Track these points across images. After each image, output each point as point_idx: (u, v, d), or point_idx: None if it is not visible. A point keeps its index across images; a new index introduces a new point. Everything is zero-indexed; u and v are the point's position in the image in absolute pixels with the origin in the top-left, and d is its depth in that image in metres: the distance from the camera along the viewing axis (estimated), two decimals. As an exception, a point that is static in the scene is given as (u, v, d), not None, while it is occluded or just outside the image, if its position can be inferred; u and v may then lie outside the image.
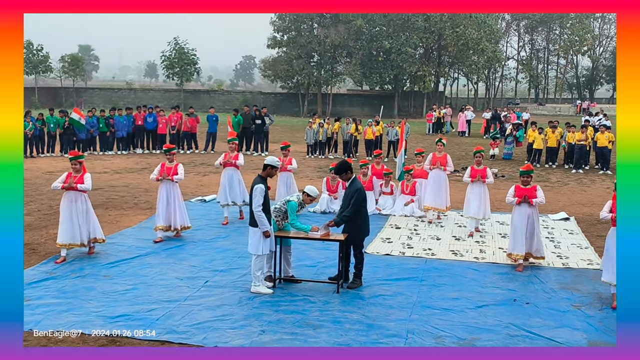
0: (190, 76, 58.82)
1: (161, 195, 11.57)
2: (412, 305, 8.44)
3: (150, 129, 25.61)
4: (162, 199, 11.54)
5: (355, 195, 8.98)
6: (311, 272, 9.89)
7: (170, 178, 11.52)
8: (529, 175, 10.40)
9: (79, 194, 10.28)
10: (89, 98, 59.05)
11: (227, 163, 13.10)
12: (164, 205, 11.53)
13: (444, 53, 57.21)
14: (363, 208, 9.17)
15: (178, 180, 11.62)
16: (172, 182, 11.58)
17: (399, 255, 11.03)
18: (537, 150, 23.59)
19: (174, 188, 11.66)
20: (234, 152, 13.22)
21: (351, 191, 9.07)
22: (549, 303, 8.67)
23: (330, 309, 8.26)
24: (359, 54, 53.05)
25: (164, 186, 11.59)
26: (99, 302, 8.35)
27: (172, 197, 11.58)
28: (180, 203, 11.73)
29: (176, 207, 11.62)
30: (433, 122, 37.35)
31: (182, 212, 11.76)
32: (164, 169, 11.62)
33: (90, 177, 10.38)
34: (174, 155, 11.91)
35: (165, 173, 11.55)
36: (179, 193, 11.75)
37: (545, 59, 71.95)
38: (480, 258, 10.97)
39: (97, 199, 15.48)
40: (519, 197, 10.25)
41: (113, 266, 9.98)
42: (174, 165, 11.71)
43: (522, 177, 10.45)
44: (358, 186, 9.10)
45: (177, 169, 11.65)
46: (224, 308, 8.21)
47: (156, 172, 11.63)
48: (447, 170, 13.69)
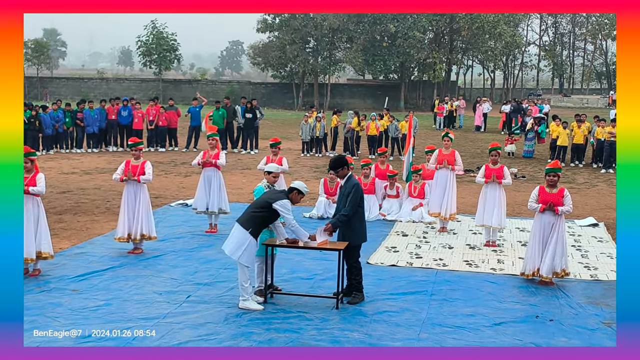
0: (169, 64, 58.77)
1: (126, 200, 11.17)
2: (421, 323, 8.43)
3: (125, 124, 25.54)
4: (126, 204, 11.14)
5: (353, 191, 8.93)
6: (307, 285, 9.87)
7: (136, 178, 11.03)
8: (557, 173, 9.98)
9: (30, 199, 9.64)
10: (55, 89, 59.01)
11: (207, 163, 12.70)
12: (129, 210, 11.11)
13: (456, 38, 57.26)
14: (361, 208, 9.14)
15: (145, 181, 11.12)
16: (138, 183, 11.11)
17: (406, 266, 11.03)
18: (562, 147, 23.56)
19: (141, 190, 11.18)
20: (214, 149, 12.83)
21: (348, 188, 9.03)
22: (576, 320, 8.67)
23: (329, 327, 8.24)
24: (361, 39, 53.04)
25: (129, 188, 11.15)
26: (67, 319, 8.31)
27: (139, 201, 11.12)
28: (147, 208, 11.27)
29: (141, 213, 11.10)
30: (445, 116, 37.20)
31: (148, 220, 11.24)
32: (128, 167, 11.10)
33: (44, 178, 9.84)
34: (141, 152, 11.38)
35: (130, 172, 11.04)
36: (146, 197, 11.30)
37: (571, 44, 72.04)
38: (498, 269, 10.97)
39: (64, 203, 15.48)
40: (542, 203, 9.85)
41: (83, 279, 9.94)
42: (141, 163, 11.13)
43: (548, 175, 10.00)
44: (355, 182, 9.09)
45: (144, 168, 11.09)
46: (209, 326, 8.19)
47: (120, 172, 11.13)
48: (455, 169, 13.34)
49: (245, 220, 8.71)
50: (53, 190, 17.02)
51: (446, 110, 37.16)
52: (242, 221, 8.73)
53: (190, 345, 7.60)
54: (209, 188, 12.71)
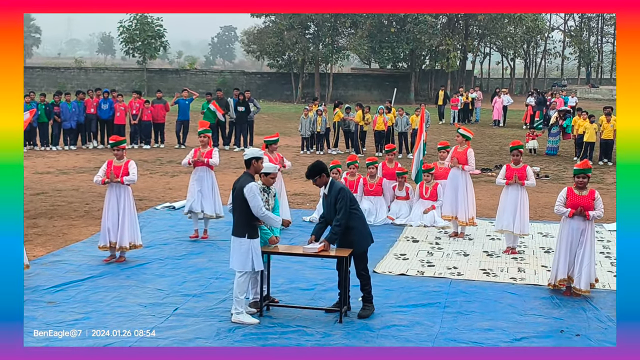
0: (155, 52, 58.73)
1: (108, 204, 11.14)
2: (434, 338, 8.44)
3: (105, 119, 25.48)
4: (109, 208, 11.12)
5: (341, 197, 8.89)
6: (307, 296, 9.89)
7: (120, 180, 11.03)
8: (586, 174, 9.83)
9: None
10: (28, 80, 58.91)
11: (198, 162, 12.70)
12: (112, 215, 11.09)
13: (472, 22, 57.22)
14: (356, 211, 9.11)
15: (130, 183, 11.13)
16: (121, 185, 11.10)
17: (417, 276, 11.04)
18: (589, 144, 23.42)
19: (126, 193, 11.17)
20: (206, 147, 12.83)
21: (333, 195, 8.98)
22: (605, 335, 8.65)
23: (332, 343, 8.24)
24: (366, 24, 52.98)
25: (112, 191, 11.14)
26: (41, 334, 8.30)
27: (123, 205, 11.11)
28: (132, 214, 11.28)
29: (125, 218, 11.08)
30: (459, 109, 37.11)
31: (133, 226, 11.26)
32: (110, 168, 11.09)
33: None
34: (124, 151, 11.34)
35: (112, 174, 11.03)
36: (131, 200, 11.30)
37: (599, 29, 71.92)
38: (519, 279, 10.97)
39: (39, 206, 15.50)
40: (572, 207, 9.69)
41: (59, 290, 9.96)
42: (124, 163, 11.14)
43: (577, 177, 9.82)
44: (339, 186, 9.10)
45: (127, 168, 11.09)
46: (198, 342, 8.20)
47: (102, 173, 11.12)
48: (465, 169, 13.14)
49: (236, 228, 8.79)
50: (26, 192, 17.00)
51: (461, 102, 36.94)
52: (235, 232, 8.81)
53: (178, 363, 7.62)
54: (200, 190, 12.64)
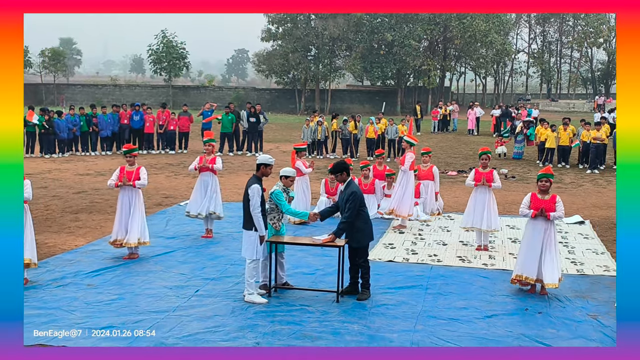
0: (179, 71, 58.78)
1: (121, 205, 10.76)
2: (417, 315, 8.44)
3: (137, 128, 25.58)
4: (122, 209, 10.74)
5: (352, 199, 8.91)
6: (309, 280, 9.89)
7: (132, 184, 10.68)
8: (549, 179, 9.36)
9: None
10: (70, 95, 58.96)
11: (203, 167, 12.33)
12: (124, 216, 10.71)
13: (450, 46, 57.21)
14: (363, 212, 9.10)
15: (141, 186, 10.73)
16: (133, 188, 10.72)
17: (403, 262, 11.03)
18: (550, 150, 23.55)
19: (136, 196, 10.76)
20: (210, 155, 12.42)
21: (347, 194, 9.01)
22: (563, 312, 8.67)
23: (330, 320, 8.24)
24: (359, 47, 53.04)
25: (124, 194, 10.74)
26: (82, 313, 8.33)
27: (133, 207, 10.72)
28: (141, 214, 10.85)
29: (135, 218, 10.68)
30: (439, 120, 37.34)
31: (142, 225, 10.80)
32: (123, 173, 10.73)
33: (31, 184, 9.31)
34: (135, 158, 11.08)
35: (125, 178, 10.68)
36: (141, 202, 10.89)
37: (558, 52, 71.88)
38: (490, 264, 10.97)
39: (79, 203, 15.50)
40: (534, 209, 9.27)
41: (97, 274, 9.96)
42: (136, 168, 10.80)
43: (540, 181, 9.39)
44: (354, 189, 9.04)
45: (139, 173, 10.73)
46: (216, 319, 8.20)
47: (114, 178, 10.74)
48: (402, 168, 13.22)
49: (248, 222, 8.80)
50: (69, 191, 17.05)
51: (440, 114, 37.35)
52: (246, 225, 8.82)
53: (199, 336, 7.61)
54: (204, 192, 12.37)
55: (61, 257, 10.88)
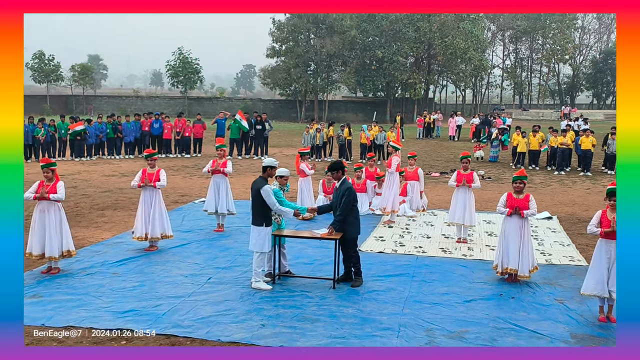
0: (193, 84, 58.73)
1: (143, 203, 10.65)
2: (404, 300, 8.43)
3: (156, 134, 25.59)
4: (143, 207, 10.63)
5: (347, 194, 8.95)
6: (308, 269, 9.88)
7: (153, 184, 10.60)
8: (522, 181, 9.27)
9: (52, 204, 9.18)
10: (98, 105, 58.92)
11: (215, 170, 12.29)
12: (145, 212, 10.61)
13: (433, 62, 57.21)
14: (354, 207, 9.11)
15: (160, 187, 10.67)
16: (154, 188, 10.65)
17: (392, 253, 11.02)
18: (521, 153, 23.64)
19: (156, 195, 10.69)
20: (222, 158, 12.39)
21: (342, 190, 9.04)
22: (533, 297, 8.68)
23: (327, 304, 8.24)
24: (353, 63, 53.06)
25: (145, 193, 10.67)
26: (108, 298, 8.33)
27: (154, 204, 10.63)
28: (162, 211, 10.75)
29: (156, 215, 10.60)
30: (423, 127, 37.48)
31: (163, 220, 10.75)
32: (145, 175, 10.66)
33: (64, 185, 9.35)
34: (156, 161, 10.97)
35: (147, 179, 10.61)
36: (161, 200, 10.79)
37: (529, 67, 72.00)
38: (469, 255, 10.97)
39: (105, 201, 15.49)
40: (510, 207, 9.16)
41: (121, 264, 9.96)
42: (156, 171, 10.73)
43: (515, 182, 9.31)
44: (348, 185, 9.08)
45: (159, 175, 10.66)
46: (226, 303, 8.20)
47: (137, 179, 10.67)
48: (389, 170, 13.28)
49: (256, 219, 8.77)
50: (96, 190, 17.04)
51: (425, 122, 37.56)
52: (255, 222, 8.79)
53: (211, 319, 7.60)
54: (217, 192, 12.31)
55: (89, 248, 10.87)
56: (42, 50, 56.84)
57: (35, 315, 7.58)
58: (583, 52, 73.78)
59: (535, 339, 7.23)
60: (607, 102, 69.93)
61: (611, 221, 7.62)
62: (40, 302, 8.05)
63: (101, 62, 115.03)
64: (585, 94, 77.56)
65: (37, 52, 56.43)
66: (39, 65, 55.67)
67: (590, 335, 7.34)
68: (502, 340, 7.14)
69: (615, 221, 7.52)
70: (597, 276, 7.73)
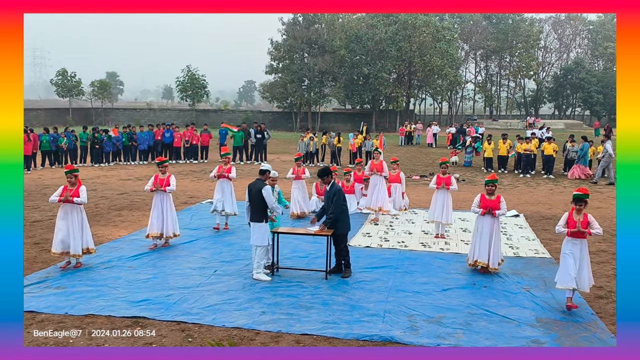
0: (200, 98, 58.48)
1: (155, 205, 10.55)
2: (389, 289, 8.44)
3: (168, 143, 25.47)
4: (155, 209, 10.52)
5: (337, 195, 8.96)
6: (303, 262, 9.86)
7: (163, 189, 10.45)
8: (494, 184, 9.26)
9: (74, 207, 9.14)
10: (115, 117, 58.60)
11: (221, 176, 12.17)
12: (157, 214, 10.49)
13: (413, 77, 57.26)
14: (344, 206, 9.10)
15: (170, 191, 10.52)
16: (164, 192, 10.52)
17: (377, 247, 11.02)
18: (489, 159, 23.81)
19: (167, 198, 10.57)
20: (227, 165, 12.28)
21: (332, 193, 9.05)
22: (503, 286, 8.70)
23: (320, 293, 8.23)
24: (343, 79, 53.04)
25: (157, 197, 10.53)
26: (125, 289, 8.29)
27: (165, 207, 10.51)
28: (172, 212, 10.64)
29: (168, 216, 10.52)
30: (405, 135, 37.55)
31: (174, 221, 10.66)
32: (157, 180, 10.54)
33: (86, 190, 9.30)
34: (167, 168, 10.80)
35: (158, 184, 10.49)
36: (171, 203, 10.67)
37: (498, 82, 72.20)
38: (446, 249, 10.99)
39: (122, 202, 15.41)
40: (483, 207, 9.13)
41: (136, 258, 9.92)
42: (167, 176, 10.59)
43: (487, 185, 9.27)
44: (338, 188, 9.10)
45: (169, 180, 10.53)
46: (230, 293, 8.18)
47: (150, 184, 10.56)
48: (382, 174, 13.30)
49: (257, 216, 8.75)
50: (114, 192, 16.95)
51: (406, 131, 37.60)
52: (255, 219, 8.76)
53: (217, 307, 7.57)
54: (222, 195, 12.23)
55: (108, 245, 10.82)
56: (65, 68, 56.54)
57: (60, 305, 7.54)
58: (545, 69, 74.14)
59: (505, 322, 7.25)
60: (567, 112, 70.26)
61: (576, 222, 7.71)
62: (64, 293, 8.01)
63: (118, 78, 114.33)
64: (547, 106, 77.76)
65: (60, 69, 56.11)
66: (62, 81, 55.35)
67: (554, 320, 7.37)
68: (476, 325, 7.15)
69: (580, 222, 7.68)
70: (567, 271, 7.70)
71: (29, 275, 8.76)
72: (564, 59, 74.99)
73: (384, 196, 13.40)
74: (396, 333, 6.81)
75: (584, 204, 7.80)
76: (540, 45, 70.32)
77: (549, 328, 7.11)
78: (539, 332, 6.98)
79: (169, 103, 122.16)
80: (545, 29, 72.27)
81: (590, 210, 11.90)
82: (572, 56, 74.24)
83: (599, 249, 10.92)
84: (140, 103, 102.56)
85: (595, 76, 63.32)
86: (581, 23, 72.42)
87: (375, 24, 53.17)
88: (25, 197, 14.54)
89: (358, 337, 6.68)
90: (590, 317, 7.48)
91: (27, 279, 8.61)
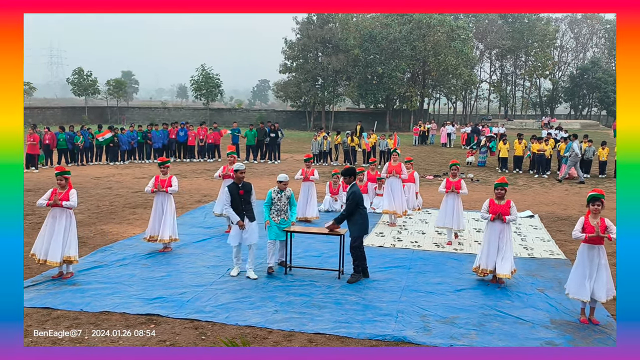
0: (214, 97, 58.70)
1: (155, 207, 10.26)
2: (402, 289, 8.42)
3: (182, 141, 25.65)
4: (156, 211, 10.24)
5: (351, 197, 8.93)
6: (316, 261, 9.87)
7: (165, 190, 10.16)
8: (504, 188, 8.76)
9: (64, 211, 8.48)
10: (130, 115, 59.08)
11: (226, 175, 11.87)
12: (157, 216, 10.22)
13: (427, 77, 57.02)
14: (361, 208, 8.99)
15: (172, 192, 10.21)
16: (166, 193, 10.21)
17: (390, 247, 11.01)
18: (504, 159, 23.65)
19: (168, 200, 10.24)
20: (232, 164, 11.72)
21: (348, 193, 9.04)
22: (517, 287, 8.64)
23: (333, 292, 8.24)
24: (356, 78, 52.98)
25: (158, 198, 10.23)
26: (139, 286, 8.36)
27: (165, 209, 10.17)
28: (172, 215, 10.28)
29: (167, 219, 10.14)
30: (419, 135, 37.43)
31: (172, 224, 10.24)
32: (158, 181, 10.22)
33: (76, 193, 8.65)
34: (168, 168, 10.54)
35: (159, 185, 10.19)
36: (172, 205, 10.33)
37: (513, 81, 71.64)
38: (459, 249, 10.94)
39: (136, 200, 15.52)
40: (492, 213, 8.64)
41: (150, 256, 9.99)
42: (168, 177, 10.28)
43: (496, 189, 8.79)
44: (354, 189, 9.03)
45: (170, 181, 10.22)
46: (244, 291, 8.21)
47: (151, 185, 10.22)
48: (401, 177, 12.93)
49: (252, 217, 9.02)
50: (129, 191, 17.08)
51: (420, 131, 37.51)
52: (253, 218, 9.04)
53: (230, 305, 7.61)
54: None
55: (123, 242, 10.91)
56: (81, 67, 57.09)
57: (76, 302, 7.62)
58: (561, 69, 73.44)
59: (519, 324, 7.20)
60: (583, 112, 69.54)
61: (595, 227, 7.16)
62: (79, 290, 8.09)
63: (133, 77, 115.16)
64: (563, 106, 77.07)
65: (76, 68, 56.66)
66: (78, 80, 55.90)
67: (568, 322, 7.31)
68: (489, 325, 7.11)
69: (598, 226, 7.14)
70: (579, 280, 7.31)
71: (45, 272, 8.85)
72: (580, 58, 74.22)
73: (404, 199, 13.22)
74: (409, 333, 6.80)
75: (601, 205, 7.31)
76: (556, 45, 69.64)
77: (563, 330, 7.05)
78: (553, 333, 6.92)
79: (184, 102, 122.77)
80: (562, 28, 71.62)
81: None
82: (589, 55, 73.46)
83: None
84: (155, 102, 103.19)
85: (612, 76, 62.55)
86: (598, 22, 71.65)
87: (389, 23, 53.01)
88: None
89: (371, 337, 6.68)
90: (606, 318, 7.41)
91: (43, 275, 8.72)
